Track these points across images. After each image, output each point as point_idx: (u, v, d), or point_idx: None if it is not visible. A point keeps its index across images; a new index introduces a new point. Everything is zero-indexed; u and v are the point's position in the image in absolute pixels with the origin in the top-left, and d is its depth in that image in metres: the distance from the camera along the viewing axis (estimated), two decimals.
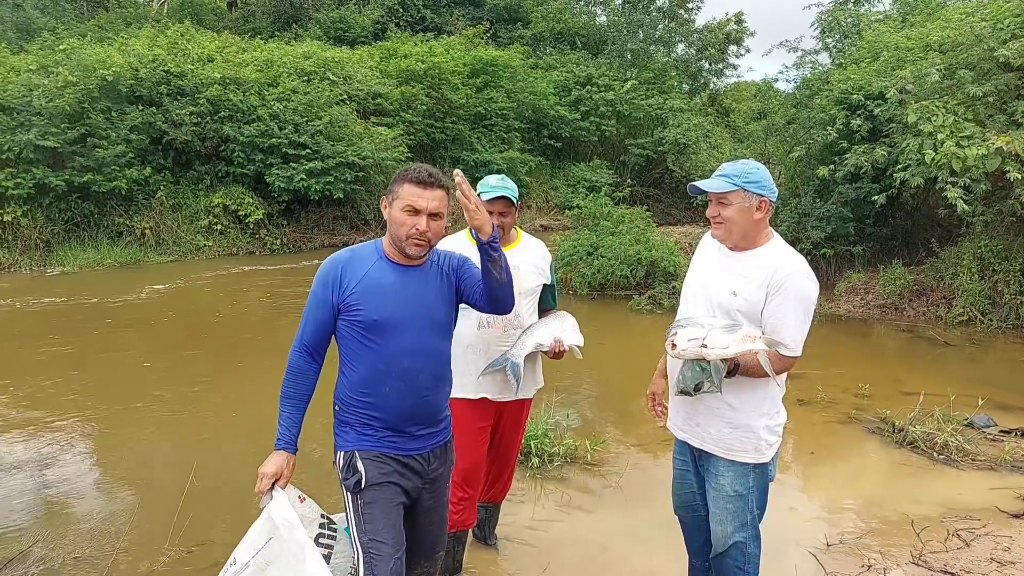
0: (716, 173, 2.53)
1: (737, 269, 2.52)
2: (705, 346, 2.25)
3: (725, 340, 2.24)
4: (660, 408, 2.87)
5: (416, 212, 2.25)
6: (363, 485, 2.29)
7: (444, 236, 2.51)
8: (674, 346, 2.30)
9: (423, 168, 2.31)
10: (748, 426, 2.51)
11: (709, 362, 2.32)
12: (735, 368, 2.38)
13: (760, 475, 2.58)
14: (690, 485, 2.78)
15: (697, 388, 2.38)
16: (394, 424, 2.33)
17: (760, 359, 2.32)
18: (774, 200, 2.51)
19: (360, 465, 2.30)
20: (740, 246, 2.54)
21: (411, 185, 2.26)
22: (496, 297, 2.37)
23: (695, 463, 2.74)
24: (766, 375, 2.38)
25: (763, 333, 2.36)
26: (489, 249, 2.25)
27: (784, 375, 2.55)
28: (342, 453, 2.36)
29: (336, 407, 2.41)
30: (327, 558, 2.37)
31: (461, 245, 3.18)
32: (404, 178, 2.29)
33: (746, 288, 2.45)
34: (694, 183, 2.55)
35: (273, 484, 2.30)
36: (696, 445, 2.64)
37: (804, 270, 2.46)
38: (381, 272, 2.33)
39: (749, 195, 2.46)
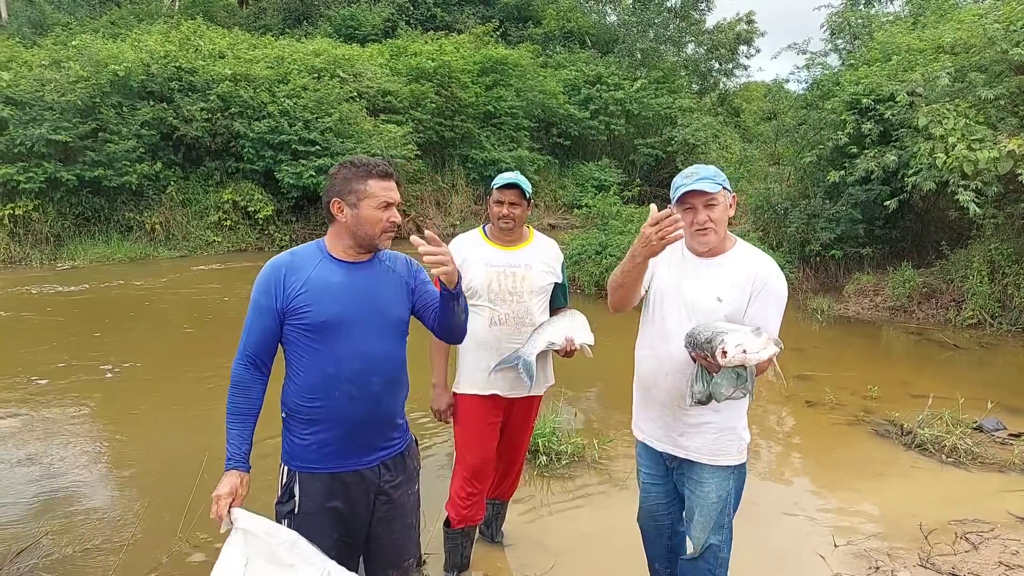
0: (698, 177, 2.43)
1: (715, 275, 2.50)
2: (745, 352, 2.20)
3: (758, 345, 2.21)
4: None
5: (388, 206, 2.26)
6: (295, 512, 2.23)
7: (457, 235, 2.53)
8: (724, 354, 2.20)
9: (375, 161, 2.28)
10: (732, 428, 2.57)
11: (746, 368, 2.32)
12: None
13: (739, 476, 2.63)
14: (656, 497, 2.79)
15: (718, 396, 2.38)
16: (344, 433, 2.24)
17: (774, 360, 2.33)
18: None
19: (296, 490, 2.24)
20: (716, 249, 2.52)
21: (377, 180, 2.24)
22: (451, 328, 2.40)
23: (666, 474, 2.74)
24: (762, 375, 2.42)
25: None
26: (453, 296, 2.27)
27: None
28: (285, 468, 2.30)
29: (283, 414, 2.31)
30: None
31: (474, 242, 3.20)
32: (366, 175, 2.24)
33: (730, 293, 2.46)
34: (692, 187, 2.40)
35: (229, 507, 2.15)
36: (680, 455, 2.62)
37: (778, 270, 2.52)
38: (327, 271, 2.25)
39: (727, 194, 2.51)
